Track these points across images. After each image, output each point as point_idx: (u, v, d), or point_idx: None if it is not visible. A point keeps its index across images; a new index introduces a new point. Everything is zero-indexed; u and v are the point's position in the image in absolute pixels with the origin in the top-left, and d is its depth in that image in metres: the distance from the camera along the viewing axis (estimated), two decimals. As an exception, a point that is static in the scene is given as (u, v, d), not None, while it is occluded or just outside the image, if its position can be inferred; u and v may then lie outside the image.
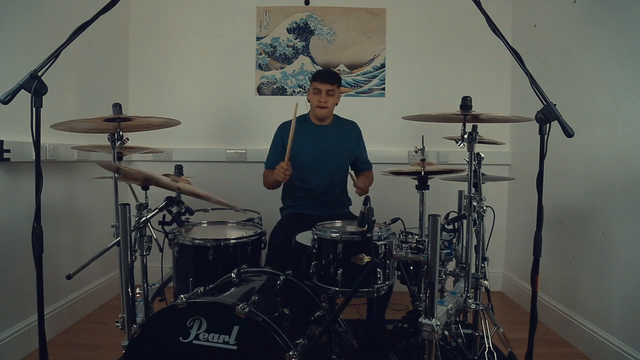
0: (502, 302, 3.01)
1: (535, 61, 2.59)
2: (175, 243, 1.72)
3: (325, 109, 2.32)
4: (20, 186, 2.03)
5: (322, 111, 2.33)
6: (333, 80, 2.30)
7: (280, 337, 1.22)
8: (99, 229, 2.60)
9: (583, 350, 2.21)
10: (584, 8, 2.29)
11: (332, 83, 2.29)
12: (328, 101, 2.30)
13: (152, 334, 1.28)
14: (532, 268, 1.43)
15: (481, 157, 1.87)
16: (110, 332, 2.34)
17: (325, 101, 2.30)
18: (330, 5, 3.16)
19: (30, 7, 2.11)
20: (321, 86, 2.29)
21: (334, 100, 2.34)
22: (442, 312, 1.46)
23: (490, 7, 1.45)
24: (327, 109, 2.32)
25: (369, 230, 1.44)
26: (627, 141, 1.97)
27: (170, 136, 2.82)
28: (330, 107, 2.33)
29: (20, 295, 2.01)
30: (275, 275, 1.64)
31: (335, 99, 2.34)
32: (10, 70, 1.62)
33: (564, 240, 2.40)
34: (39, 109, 1.28)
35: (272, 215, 2.39)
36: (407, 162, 3.11)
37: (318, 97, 2.31)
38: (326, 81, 2.29)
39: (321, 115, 2.36)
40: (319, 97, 2.31)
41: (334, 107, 2.38)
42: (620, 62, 2.02)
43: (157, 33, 3.16)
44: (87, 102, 2.60)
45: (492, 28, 1.41)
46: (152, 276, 1.67)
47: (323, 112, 2.33)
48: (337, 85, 2.32)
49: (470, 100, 1.57)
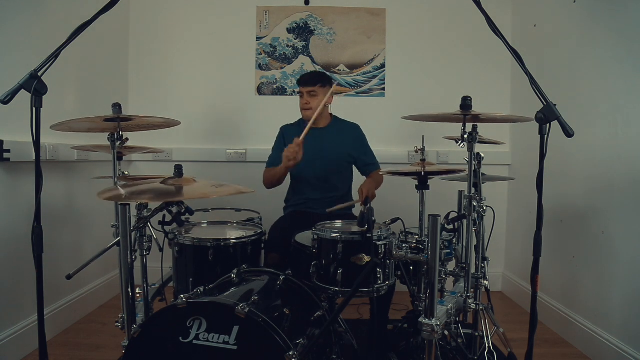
0: (502, 302, 3.01)
1: (535, 61, 2.59)
2: (175, 243, 1.72)
3: (309, 111, 2.31)
4: (20, 186, 2.03)
5: (306, 113, 2.33)
6: (314, 81, 2.31)
7: (280, 337, 1.22)
8: (99, 229, 2.60)
9: (583, 350, 2.21)
10: (584, 8, 2.29)
11: (313, 84, 2.30)
12: (310, 102, 2.30)
13: (152, 334, 1.28)
14: (532, 268, 1.43)
15: (481, 157, 1.87)
16: (110, 332, 2.34)
17: (307, 102, 2.31)
18: (330, 5, 3.16)
19: (30, 7, 2.11)
20: (302, 89, 2.33)
21: (319, 101, 2.28)
22: (442, 312, 1.46)
23: (490, 7, 1.45)
24: (310, 110, 2.30)
25: (369, 230, 1.44)
26: (627, 141, 1.97)
27: (170, 136, 2.82)
28: (315, 107, 2.27)
29: (20, 295, 2.01)
30: (275, 275, 1.64)
31: (319, 99, 2.29)
32: (10, 70, 1.61)
33: (564, 240, 2.40)
34: (39, 109, 1.28)
35: (272, 215, 2.39)
36: (407, 162, 3.11)
37: (302, 100, 2.34)
38: (306, 84, 2.31)
39: (306, 117, 2.34)
40: (302, 100, 2.34)
41: (323, 108, 2.28)
42: (620, 62, 2.02)
43: (157, 33, 3.16)
44: (87, 102, 2.60)
45: (492, 28, 1.41)
46: (152, 276, 1.67)
47: (307, 113, 2.33)
48: (320, 85, 2.31)
49: (470, 100, 1.57)
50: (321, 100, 2.30)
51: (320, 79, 2.34)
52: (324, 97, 2.30)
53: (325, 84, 2.34)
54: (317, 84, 2.30)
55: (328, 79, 2.39)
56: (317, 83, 2.31)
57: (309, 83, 2.31)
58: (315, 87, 2.30)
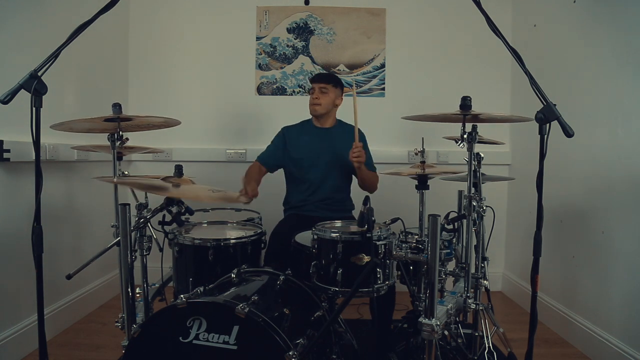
0: (502, 302, 3.01)
1: (535, 61, 2.59)
2: (175, 243, 1.72)
3: (318, 106, 2.35)
4: (20, 186, 2.03)
5: (315, 107, 2.36)
6: (327, 79, 2.37)
7: (280, 337, 1.21)
8: (99, 229, 2.60)
9: (583, 350, 2.21)
10: (584, 8, 2.29)
11: (326, 82, 2.35)
12: (320, 98, 2.34)
13: (152, 334, 1.28)
14: (532, 268, 1.43)
15: (481, 157, 1.87)
16: (110, 332, 2.34)
17: (317, 97, 2.34)
18: (330, 5, 3.16)
19: (30, 6, 2.11)
20: (314, 85, 2.36)
21: (329, 99, 2.35)
22: (442, 312, 1.46)
23: (490, 7, 1.45)
24: (320, 106, 2.34)
25: (369, 230, 1.44)
26: (627, 141, 1.97)
27: (170, 136, 2.82)
28: (324, 104, 2.35)
29: (20, 295, 2.02)
30: (275, 275, 1.64)
31: (329, 98, 2.35)
32: (10, 70, 1.61)
33: (564, 240, 2.40)
34: (39, 109, 1.28)
35: (272, 215, 2.39)
36: (407, 162, 3.11)
37: (312, 96, 2.37)
38: (319, 80, 2.36)
39: (314, 113, 2.38)
40: (312, 95, 2.36)
41: (331, 108, 2.38)
42: (620, 62, 2.02)
43: (157, 33, 3.16)
44: (87, 102, 2.60)
45: (492, 28, 1.41)
46: (152, 276, 1.67)
47: (316, 108, 2.36)
48: (332, 85, 2.35)
49: (470, 100, 1.57)
50: (331, 99, 2.36)
51: (333, 79, 2.40)
52: (334, 97, 2.37)
53: (337, 85, 2.39)
54: (330, 82, 2.35)
55: (340, 82, 2.43)
56: (330, 81, 2.36)
57: (323, 80, 2.36)
58: (328, 84, 2.34)
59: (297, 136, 2.43)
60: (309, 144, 2.39)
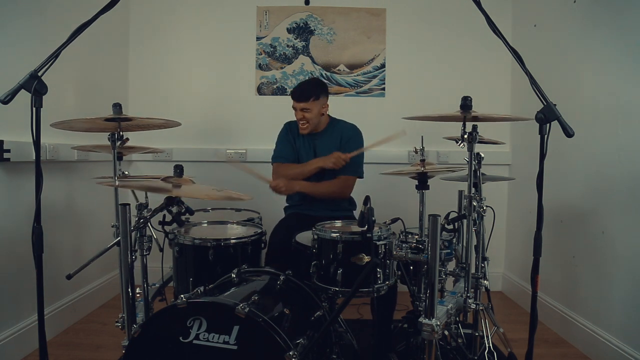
0: (502, 302, 3.01)
1: (535, 61, 2.59)
2: (176, 243, 1.72)
3: (306, 125, 2.29)
4: (20, 186, 2.03)
5: (302, 129, 2.31)
6: (307, 96, 2.23)
7: (280, 337, 1.21)
8: (99, 229, 2.60)
9: (583, 350, 2.21)
10: (584, 8, 2.29)
11: (306, 100, 2.23)
12: (305, 116, 2.27)
13: (152, 334, 1.28)
14: (532, 268, 1.43)
15: (481, 157, 1.87)
16: (110, 332, 2.34)
17: (302, 117, 2.27)
18: (330, 5, 3.16)
19: (30, 7, 2.11)
20: (296, 105, 2.28)
21: (314, 114, 2.27)
22: (442, 312, 1.46)
23: (490, 7, 1.45)
24: (307, 125, 2.29)
25: (369, 230, 1.44)
26: (627, 141, 1.97)
27: (170, 136, 2.82)
28: (312, 122, 2.28)
29: (20, 295, 2.01)
30: (275, 275, 1.64)
31: (313, 113, 2.27)
32: (10, 70, 1.61)
33: (564, 240, 2.40)
34: (39, 109, 1.28)
35: (272, 215, 2.39)
36: (407, 162, 3.11)
37: (296, 114, 2.31)
38: (299, 99, 2.25)
39: (304, 132, 2.33)
40: (296, 114, 2.30)
41: (318, 118, 2.30)
42: (620, 62, 2.02)
43: (157, 33, 3.16)
44: (87, 102, 2.60)
45: (492, 28, 1.41)
46: (152, 276, 1.67)
47: (303, 129, 2.31)
48: (313, 99, 2.24)
49: (470, 100, 1.57)
50: (316, 112, 2.27)
51: (313, 91, 2.25)
52: (319, 108, 2.28)
53: (320, 95, 2.27)
54: (309, 99, 2.23)
55: (322, 88, 2.31)
56: (309, 98, 2.23)
57: (302, 99, 2.24)
58: (308, 102, 2.24)
59: (296, 135, 2.43)
60: (303, 146, 2.39)
